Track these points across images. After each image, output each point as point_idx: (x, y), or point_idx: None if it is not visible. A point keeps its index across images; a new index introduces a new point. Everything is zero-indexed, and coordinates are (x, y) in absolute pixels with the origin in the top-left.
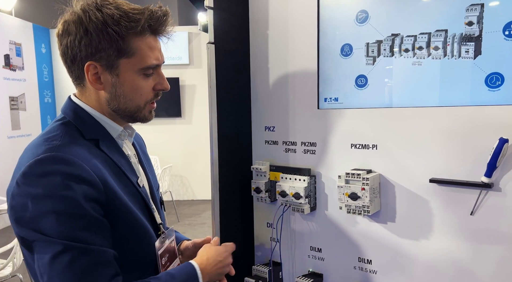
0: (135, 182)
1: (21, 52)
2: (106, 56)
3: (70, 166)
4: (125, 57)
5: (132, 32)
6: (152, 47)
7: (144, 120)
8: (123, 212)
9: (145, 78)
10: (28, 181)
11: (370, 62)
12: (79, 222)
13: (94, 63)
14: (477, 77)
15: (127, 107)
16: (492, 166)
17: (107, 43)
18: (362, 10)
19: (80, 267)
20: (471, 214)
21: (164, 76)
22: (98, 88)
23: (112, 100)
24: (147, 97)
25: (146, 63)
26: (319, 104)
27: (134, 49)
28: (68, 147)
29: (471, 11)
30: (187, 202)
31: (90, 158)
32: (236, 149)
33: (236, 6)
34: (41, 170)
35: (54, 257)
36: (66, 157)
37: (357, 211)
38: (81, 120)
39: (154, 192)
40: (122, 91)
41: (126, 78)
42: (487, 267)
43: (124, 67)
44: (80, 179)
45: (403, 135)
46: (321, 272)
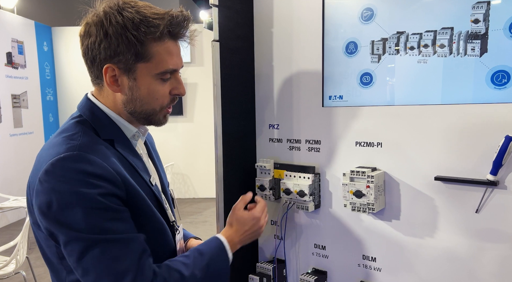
0: (148, 181)
1: (23, 50)
2: (124, 60)
3: (91, 165)
4: (142, 61)
5: (151, 37)
6: (171, 52)
7: (158, 123)
8: (143, 208)
9: (162, 82)
10: (51, 179)
11: (375, 60)
12: (104, 215)
13: (112, 66)
14: (483, 75)
15: (143, 110)
16: (498, 164)
17: (125, 47)
18: (367, 7)
19: (111, 256)
20: (476, 212)
21: (181, 81)
22: (116, 90)
23: (129, 103)
24: (163, 102)
25: (163, 68)
26: (324, 102)
27: (152, 54)
28: (88, 146)
29: (477, 8)
30: (188, 200)
31: (109, 158)
32: (241, 146)
33: (241, 3)
34: (64, 168)
35: (85, 251)
36: (87, 156)
37: (362, 209)
38: (97, 119)
39: (166, 190)
40: (139, 95)
41: (143, 82)
42: (492, 265)
43: (141, 72)
44: (102, 177)
45: (408, 133)
46: (325, 269)
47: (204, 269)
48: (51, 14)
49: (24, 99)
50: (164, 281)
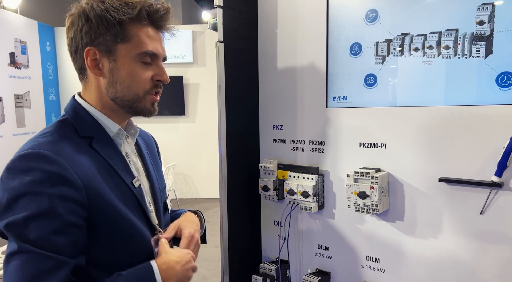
0: (130, 182)
1: (26, 50)
2: (104, 42)
3: (50, 164)
4: (122, 42)
5: (129, 18)
6: (150, 36)
7: (145, 112)
8: (109, 213)
9: (143, 66)
10: (9, 175)
11: (379, 61)
12: (47, 225)
13: (93, 48)
14: (487, 76)
15: (125, 95)
16: (503, 166)
17: (105, 29)
18: (372, 9)
19: (31, 272)
20: (481, 213)
21: (164, 69)
22: (97, 74)
23: (110, 87)
24: (145, 86)
25: (142, 48)
26: (328, 103)
27: (131, 35)
28: (54, 144)
29: (482, 10)
30: (190, 200)
31: (75, 157)
32: (244, 147)
33: (245, 4)
34: (22, 166)
35: (11, 256)
36: (48, 155)
37: (366, 210)
38: (78, 117)
39: (157, 194)
40: (119, 77)
41: (123, 63)
42: (496, 267)
43: (121, 53)
44: (60, 177)
45: (413, 134)
46: (329, 270)
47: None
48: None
49: (27, 99)
50: None
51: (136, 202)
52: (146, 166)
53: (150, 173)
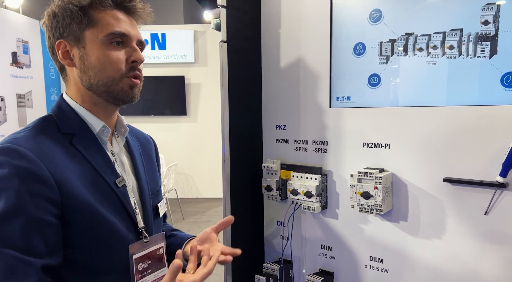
0: (112, 181)
1: (28, 50)
2: (71, 32)
3: (20, 159)
4: (88, 28)
5: (89, 2)
6: (117, 18)
7: (124, 96)
8: (83, 211)
9: (114, 48)
10: None
11: (383, 61)
12: (15, 223)
13: (63, 41)
14: (492, 76)
15: (99, 80)
16: (508, 166)
17: (69, 19)
18: (376, 9)
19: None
20: (485, 214)
21: (138, 49)
22: (70, 64)
23: (83, 75)
24: (120, 68)
25: (108, 30)
26: (331, 103)
27: (96, 20)
28: (28, 139)
29: (487, 10)
30: (192, 200)
31: (50, 153)
32: (247, 147)
33: (249, 4)
34: None
35: None
36: (18, 150)
37: (370, 210)
38: (62, 114)
39: (144, 196)
40: (90, 63)
41: (91, 48)
42: (501, 268)
43: (89, 38)
44: (29, 173)
45: (417, 134)
46: (332, 270)
47: None
48: None
49: (29, 99)
50: None
51: (118, 202)
52: (136, 167)
53: (139, 174)
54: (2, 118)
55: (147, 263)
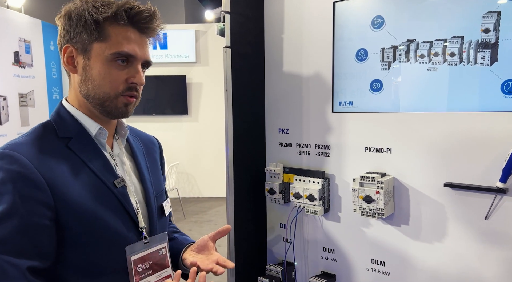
0: (111, 182)
1: (30, 49)
2: (81, 40)
3: (13, 164)
4: (98, 41)
5: (105, 17)
6: (128, 38)
7: (117, 112)
8: (78, 213)
9: (116, 66)
10: None
11: (385, 67)
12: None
13: (70, 46)
14: (493, 83)
15: (96, 94)
16: (508, 172)
17: (82, 27)
18: (378, 15)
19: None
20: (486, 218)
21: (140, 71)
22: (72, 70)
23: (82, 84)
24: (117, 87)
25: (116, 49)
26: (334, 108)
27: (107, 34)
28: (24, 145)
29: (487, 18)
30: (193, 199)
31: (44, 157)
32: (251, 150)
33: (252, 10)
34: None
35: None
36: (12, 155)
37: (371, 214)
38: (60, 118)
39: (149, 196)
40: (91, 75)
41: (96, 61)
42: (501, 272)
43: (95, 51)
44: (22, 177)
45: (418, 140)
46: (334, 272)
47: None
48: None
49: (31, 98)
50: None
51: (117, 203)
52: (139, 168)
53: (143, 175)
54: (5, 118)
55: (147, 263)
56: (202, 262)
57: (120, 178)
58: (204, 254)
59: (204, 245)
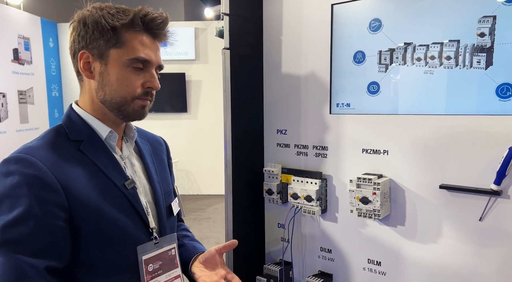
0: (121, 184)
1: (29, 46)
2: (97, 46)
3: (29, 167)
4: (115, 47)
5: (122, 24)
6: (144, 43)
7: (134, 115)
8: (91, 214)
9: (134, 71)
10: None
11: (382, 69)
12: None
13: (86, 52)
14: (488, 87)
15: (113, 98)
16: (502, 174)
17: (99, 33)
18: (376, 18)
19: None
20: (480, 220)
21: (155, 76)
22: (88, 76)
23: (99, 90)
24: (134, 91)
25: (134, 54)
26: (331, 109)
27: (124, 41)
28: (37, 148)
29: (483, 22)
30: (192, 197)
31: (57, 160)
32: (249, 151)
33: (251, 12)
34: (4, 170)
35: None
36: (27, 158)
37: (368, 215)
38: (71, 122)
39: (158, 197)
40: (108, 80)
41: (113, 67)
42: (494, 272)
43: (113, 57)
44: (37, 180)
45: (414, 142)
46: (331, 272)
47: None
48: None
49: (30, 95)
50: None
51: (128, 204)
52: (147, 169)
53: (151, 176)
54: (4, 115)
55: (158, 263)
56: (210, 278)
57: (130, 180)
58: (211, 267)
59: (212, 260)
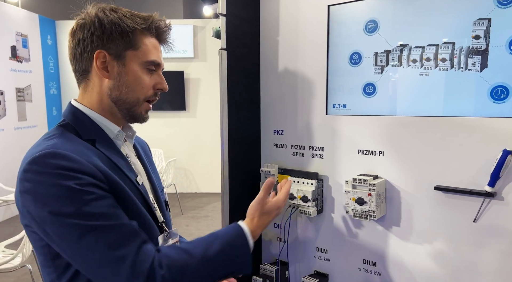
0: (134, 179)
1: (27, 44)
2: (115, 47)
3: (68, 160)
4: (131, 49)
5: (141, 29)
6: (156, 47)
7: (139, 118)
8: (127, 202)
9: (147, 73)
10: (30, 176)
11: (378, 71)
12: (93, 203)
13: (103, 52)
14: (482, 89)
15: (128, 98)
16: (496, 176)
17: (118, 35)
18: (372, 20)
19: (106, 243)
20: (474, 221)
21: (164, 78)
22: (104, 75)
23: (115, 89)
24: (147, 93)
25: (150, 57)
26: (328, 110)
27: (140, 43)
28: (65, 144)
29: (478, 25)
30: (190, 195)
31: (87, 154)
32: (246, 151)
33: (248, 12)
34: (40, 165)
35: (80, 239)
36: (63, 153)
37: (363, 216)
38: (78, 121)
39: (158, 193)
40: (126, 80)
41: (131, 68)
42: (488, 273)
43: (130, 59)
44: (78, 171)
45: (410, 143)
46: (327, 272)
47: (219, 253)
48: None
49: (28, 93)
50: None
51: (142, 199)
52: (145, 167)
53: (149, 174)
54: (2, 112)
55: None
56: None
57: (139, 176)
58: None
59: None
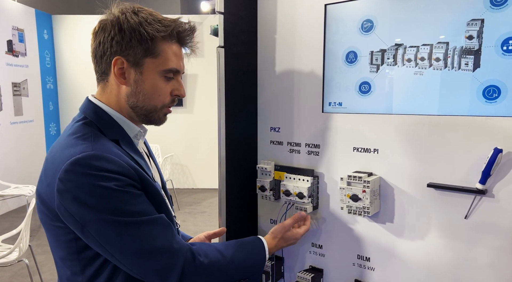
0: (151, 177)
1: (23, 38)
2: (133, 54)
3: (108, 162)
4: (150, 57)
5: (161, 36)
6: (177, 54)
7: (158, 122)
8: (157, 200)
9: (165, 81)
10: (73, 177)
11: (373, 69)
12: (131, 201)
13: (121, 58)
14: (475, 88)
15: (144, 105)
16: (487, 174)
17: (137, 42)
18: (368, 19)
19: (144, 237)
20: (465, 218)
21: (182, 84)
22: (121, 82)
23: (132, 96)
24: (164, 100)
25: (168, 66)
26: (324, 108)
27: (159, 51)
28: (102, 145)
29: (471, 25)
30: (187, 191)
31: (120, 155)
32: (243, 148)
33: (245, 10)
34: (83, 167)
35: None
36: (103, 155)
37: (358, 212)
38: (102, 120)
39: (166, 189)
40: (143, 88)
41: (148, 76)
42: (478, 268)
43: (148, 66)
44: (119, 173)
45: (404, 141)
46: (321, 267)
47: (241, 259)
48: (52, 2)
49: (24, 87)
50: (205, 256)
51: (160, 195)
52: (157, 165)
53: (159, 171)
54: None
55: None
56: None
57: (153, 174)
58: None
59: None
